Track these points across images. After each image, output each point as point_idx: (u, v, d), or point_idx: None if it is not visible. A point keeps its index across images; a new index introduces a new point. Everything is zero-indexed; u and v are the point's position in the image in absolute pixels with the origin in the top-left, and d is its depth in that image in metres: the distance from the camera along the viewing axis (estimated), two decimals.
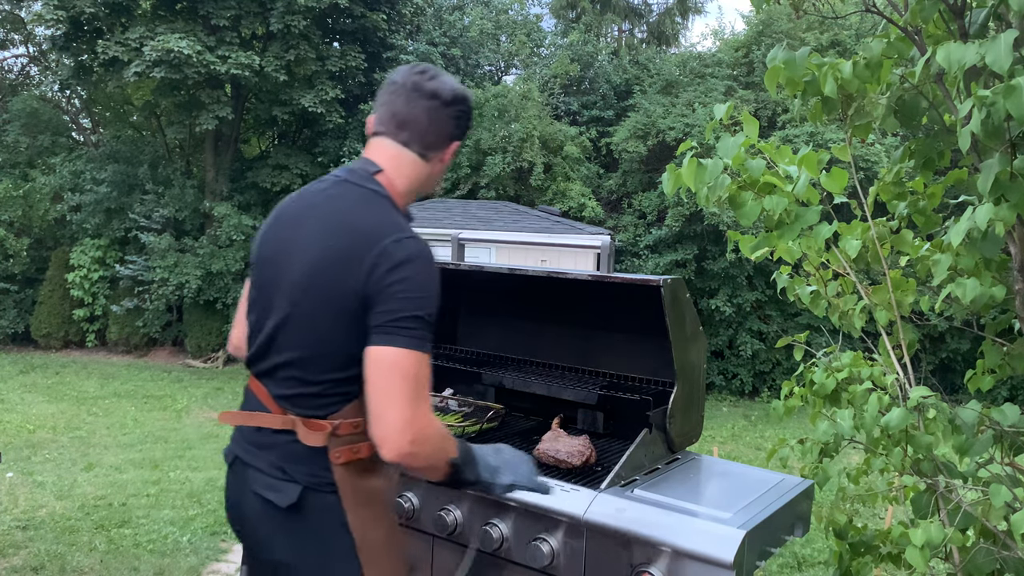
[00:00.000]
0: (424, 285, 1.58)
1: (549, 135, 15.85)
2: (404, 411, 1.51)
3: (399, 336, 1.54)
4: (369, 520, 1.65)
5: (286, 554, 1.65)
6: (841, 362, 2.31)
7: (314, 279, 1.63)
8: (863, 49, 2.12)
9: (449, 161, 1.83)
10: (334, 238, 1.63)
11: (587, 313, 2.54)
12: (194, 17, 14.60)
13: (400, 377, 1.53)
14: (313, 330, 1.63)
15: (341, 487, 1.63)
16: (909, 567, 2.05)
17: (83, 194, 15.50)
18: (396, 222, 1.65)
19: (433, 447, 1.58)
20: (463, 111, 1.79)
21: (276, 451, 1.66)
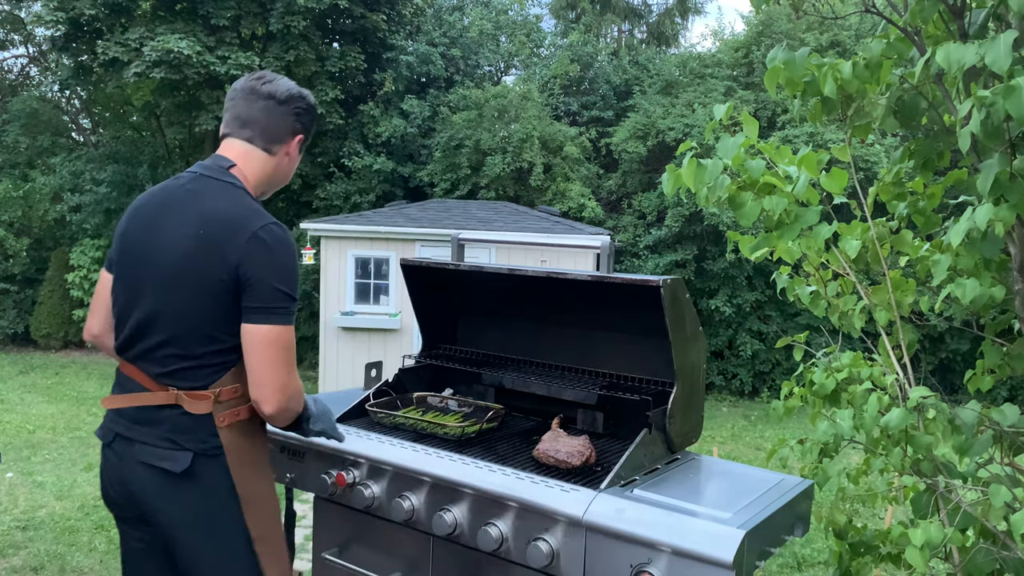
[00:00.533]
0: (291, 268, 1.85)
1: (549, 135, 15.85)
2: (281, 377, 1.82)
3: (274, 315, 1.81)
4: (251, 476, 1.90)
5: (178, 516, 1.85)
6: (841, 362, 2.32)
7: (188, 264, 1.83)
8: (863, 49, 2.12)
9: (296, 154, 2.07)
10: (203, 227, 1.83)
11: (587, 313, 2.54)
12: (194, 17, 14.60)
13: (277, 349, 1.81)
14: (191, 311, 1.83)
15: (227, 448, 1.86)
16: (909, 567, 2.05)
17: (83, 194, 15.50)
18: (258, 210, 1.88)
19: (299, 404, 1.90)
20: (301, 107, 2.03)
21: (164, 425, 1.84)
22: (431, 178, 16.03)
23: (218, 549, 1.87)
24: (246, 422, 1.90)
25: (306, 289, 14.85)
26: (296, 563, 3.04)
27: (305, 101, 2.04)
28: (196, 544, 1.87)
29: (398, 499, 2.09)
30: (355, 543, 2.35)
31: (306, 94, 2.06)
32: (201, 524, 1.86)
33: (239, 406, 1.88)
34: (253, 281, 1.79)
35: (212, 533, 1.87)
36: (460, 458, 2.09)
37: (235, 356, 1.85)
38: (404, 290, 10.88)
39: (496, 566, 2.00)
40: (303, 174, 15.83)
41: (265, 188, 2.05)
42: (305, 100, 2.04)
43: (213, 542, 1.87)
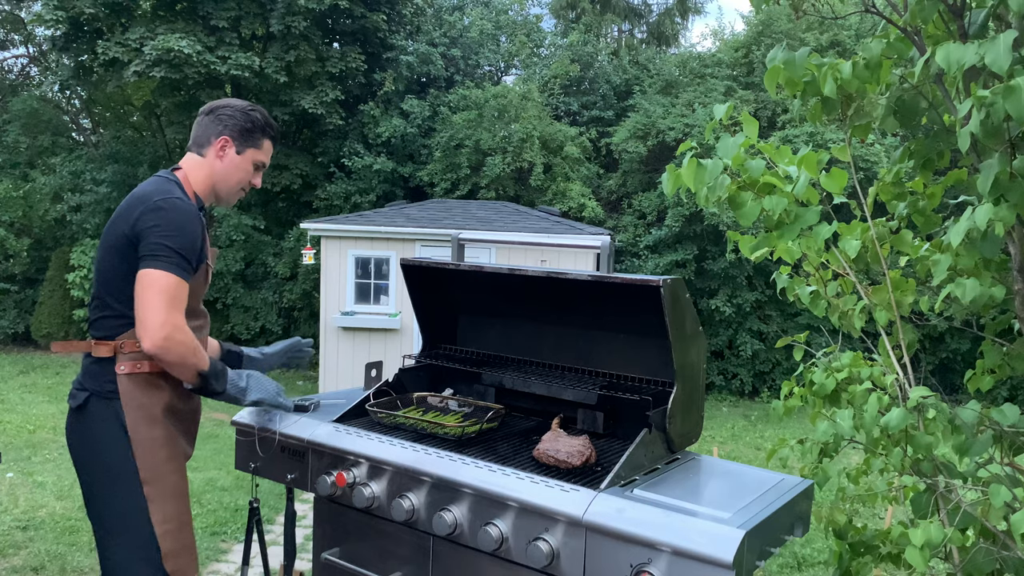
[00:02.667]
0: (177, 225, 2.10)
1: (549, 135, 15.85)
2: (159, 314, 2.03)
3: (156, 260, 2.06)
4: (143, 421, 2.15)
5: (76, 450, 2.23)
6: (841, 362, 2.32)
7: (108, 232, 2.19)
8: (863, 49, 2.12)
9: (231, 156, 2.34)
10: (123, 204, 2.20)
11: (587, 313, 2.54)
12: (194, 18, 14.60)
13: (156, 291, 2.04)
14: (105, 269, 2.18)
15: (122, 394, 2.14)
16: (909, 567, 2.05)
17: (83, 194, 15.50)
18: (169, 190, 2.17)
19: (183, 349, 2.09)
20: (224, 113, 2.34)
21: (81, 371, 2.24)
22: (431, 178, 16.03)
23: (112, 484, 2.15)
24: (148, 375, 2.17)
25: (306, 289, 14.86)
26: (296, 563, 3.04)
27: (230, 108, 2.34)
28: (89, 474, 2.20)
29: (398, 499, 2.09)
30: (355, 543, 2.36)
31: (235, 103, 2.37)
32: (90, 455, 2.18)
33: (142, 360, 2.15)
34: (142, 235, 2.09)
35: (100, 464, 2.16)
36: (460, 458, 2.09)
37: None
38: (404, 290, 10.89)
39: (496, 566, 2.00)
40: (303, 174, 15.83)
41: (210, 190, 2.35)
42: (230, 108, 2.34)
43: (101, 471, 2.17)
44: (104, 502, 2.18)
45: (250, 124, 2.36)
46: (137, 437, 2.14)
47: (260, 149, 2.40)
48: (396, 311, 11.93)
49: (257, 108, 2.40)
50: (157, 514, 2.15)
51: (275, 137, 2.44)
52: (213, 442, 8.71)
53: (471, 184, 15.76)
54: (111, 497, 2.17)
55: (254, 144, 2.38)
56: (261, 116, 2.39)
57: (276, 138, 2.46)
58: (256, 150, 2.39)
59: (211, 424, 9.74)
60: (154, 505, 2.15)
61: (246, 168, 2.38)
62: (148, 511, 2.14)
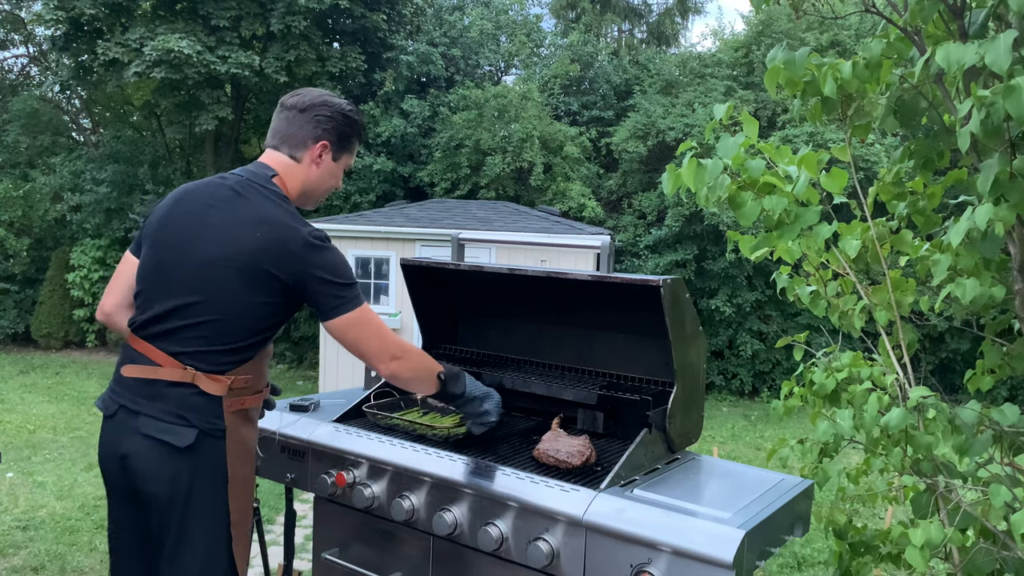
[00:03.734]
0: (340, 265, 1.99)
1: (549, 135, 15.85)
2: (374, 347, 2.00)
3: (346, 305, 1.96)
4: (241, 460, 2.00)
5: (171, 492, 1.91)
6: (841, 362, 2.32)
7: (246, 260, 1.92)
8: (863, 49, 2.12)
9: (327, 161, 2.13)
10: (259, 229, 1.93)
11: (587, 313, 2.54)
12: (194, 18, 14.60)
13: (359, 330, 1.98)
14: (238, 301, 1.93)
15: (229, 431, 1.96)
16: (909, 567, 2.05)
17: (83, 194, 15.50)
18: (300, 219, 1.99)
19: (417, 362, 2.08)
20: (322, 114, 2.10)
21: (172, 401, 1.92)
22: (431, 178, 16.03)
23: (203, 526, 1.95)
24: (247, 411, 2.02)
25: None
26: (296, 563, 3.04)
27: (328, 108, 2.10)
28: (183, 520, 1.93)
29: (398, 499, 2.09)
30: (355, 543, 2.35)
31: (333, 102, 2.12)
32: (192, 500, 1.93)
33: (245, 396, 1.99)
34: (309, 283, 1.94)
35: (200, 510, 1.94)
36: (460, 458, 2.09)
37: (255, 351, 2.00)
38: (404, 290, 10.88)
39: (496, 566, 2.00)
40: None
41: (303, 197, 2.14)
42: (329, 107, 2.11)
43: (200, 519, 1.94)
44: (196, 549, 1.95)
45: (349, 129, 2.15)
46: (235, 478, 1.99)
47: (352, 155, 2.22)
48: (396, 311, 11.93)
49: (355, 108, 2.18)
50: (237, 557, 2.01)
51: (364, 140, 2.28)
52: None
53: (471, 184, 15.76)
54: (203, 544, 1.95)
55: (350, 149, 2.19)
56: (359, 119, 2.19)
57: (364, 139, 2.28)
58: (350, 155, 2.20)
59: None
60: (236, 549, 2.00)
61: (338, 175, 2.18)
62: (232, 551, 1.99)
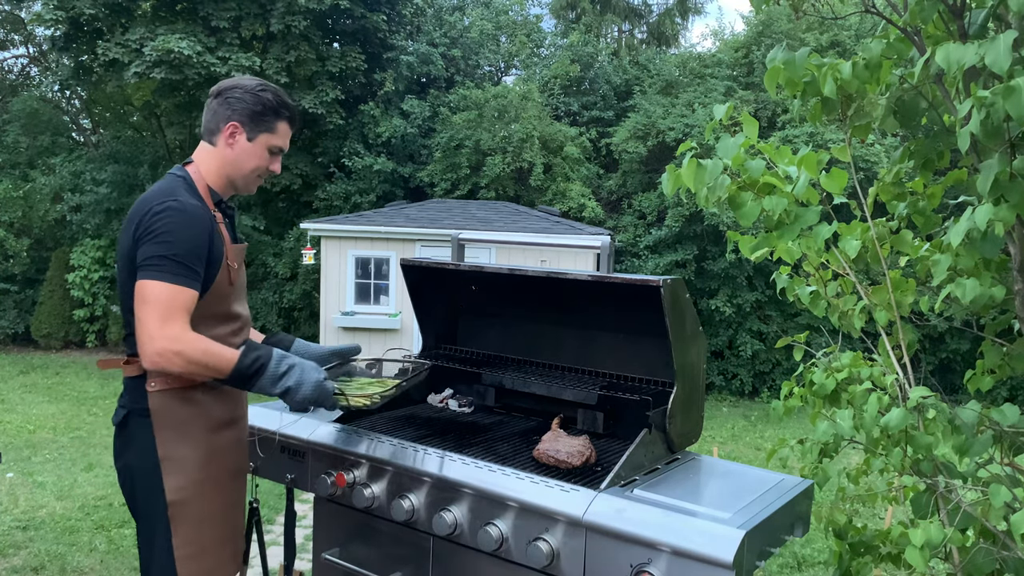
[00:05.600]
0: (169, 229, 1.93)
1: (549, 135, 15.85)
2: (150, 328, 1.88)
3: (147, 271, 1.91)
4: (174, 439, 2.00)
5: (121, 471, 2.09)
6: (841, 362, 2.32)
7: (120, 245, 2.07)
8: (863, 50, 2.12)
9: (238, 142, 2.10)
10: (129, 213, 2.06)
11: (587, 313, 2.54)
12: (194, 18, 14.60)
13: (147, 303, 1.89)
14: (123, 285, 2.04)
15: (153, 410, 2.00)
16: (909, 567, 2.05)
17: (83, 194, 15.50)
18: (171, 191, 2.01)
19: (182, 360, 1.90)
20: (233, 96, 2.10)
21: (123, 387, 2.09)
22: (431, 178, 16.03)
23: (143, 505, 2.02)
24: (182, 390, 2.02)
25: (306, 289, 14.86)
26: (296, 563, 3.04)
27: (239, 90, 2.09)
28: (131, 499, 2.07)
29: (398, 499, 2.09)
30: (355, 543, 2.35)
31: (244, 83, 2.11)
32: (130, 479, 2.04)
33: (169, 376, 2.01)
34: (139, 244, 1.95)
35: (138, 489, 2.03)
36: (460, 458, 2.09)
37: None
38: (404, 290, 10.89)
39: (496, 566, 2.00)
40: (303, 174, 15.82)
41: (225, 181, 2.14)
42: (239, 89, 2.10)
43: (140, 498, 2.03)
44: (138, 529, 2.06)
45: (260, 107, 2.10)
46: (167, 456, 1.99)
47: (274, 133, 2.13)
48: (396, 311, 11.94)
49: (269, 87, 2.13)
50: (177, 538, 1.99)
51: (292, 118, 2.18)
52: None
53: (471, 184, 15.76)
54: (142, 523, 2.04)
55: (267, 128, 2.12)
56: (273, 96, 2.12)
57: (294, 119, 2.18)
58: (270, 135, 2.12)
59: None
60: (176, 528, 1.99)
61: (259, 155, 2.13)
62: (170, 537, 1.98)
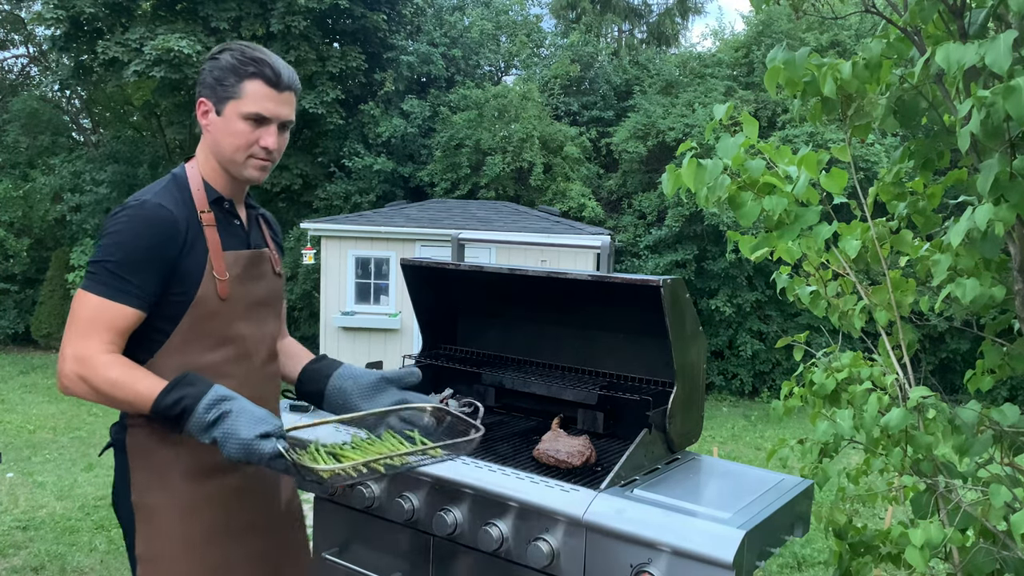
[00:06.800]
0: (109, 235, 1.67)
1: (549, 135, 15.85)
2: (64, 346, 1.63)
3: (83, 280, 1.67)
4: (149, 485, 1.72)
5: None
6: (841, 362, 2.32)
7: None
8: (863, 50, 2.12)
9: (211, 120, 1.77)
10: None
11: (587, 313, 2.54)
12: (194, 18, 14.61)
13: (71, 314, 1.66)
14: None
15: (129, 448, 1.74)
16: (909, 567, 2.05)
17: (83, 194, 15.51)
18: (145, 190, 1.76)
19: (83, 388, 1.60)
20: (204, 69, 1.79)
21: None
22: (431, 178, 16.03)
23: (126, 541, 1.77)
24: (159, 425, 1.64)
25: (306, 289, 14.85)
26: None
27: (210, 63, 1.78)
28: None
29: (398, 499, 2.09)
30: (355, 543, 2.35)
31: (217, 52, 1.79)
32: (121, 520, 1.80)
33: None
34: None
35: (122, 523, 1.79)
36: (460, 458, 2.09)
37: (142, 351, 1.69)
38: (404, 290, 10.89)
39: (496, 566, 2.00)
40: (303, 174, 15.82)
41: (216, 170, 1.82)
42: (210, 62, 1.78)
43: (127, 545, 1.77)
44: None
45: (218, 71, 1.74)
46: (140, 504, 1.72)
47: (241, 98, 1.73)
48: (396, 311, 11.93)
49: (231, 46, 1.78)
50: None
51: (260, 73, 1.74)
52: None
53: (471, 184, 15.76)
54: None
55: (231, 95, 1.73)
56: (232, 55, 1.74)
57: (263, 74, 1.74)
58: (236, 100, 1.73)
59: None
60: None
61: (234, 129, 1.74)
62: None
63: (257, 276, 1.86)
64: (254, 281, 1.85)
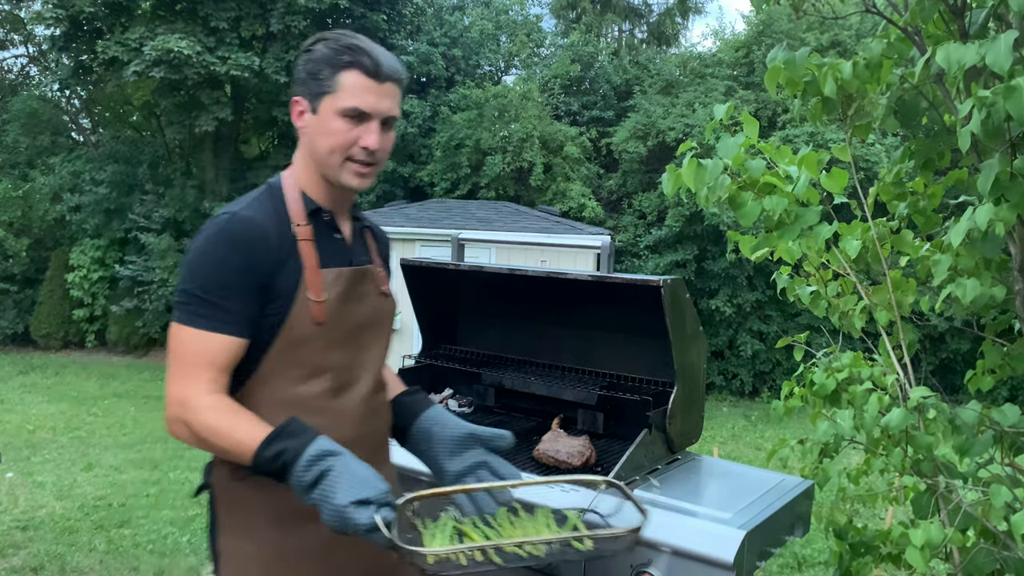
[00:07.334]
0: (196, 256, 1.51)
1: (549, 135, 15.86)
2: (166, 387, 1.48)
3: (174, 309, 1.52)
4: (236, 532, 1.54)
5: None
6: (841, 362, 2.31)
7: None
8: (863, 49, 2.12)
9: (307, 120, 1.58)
10: None
11: (587, 313, 2.54)
12: (194, 18, 14.61)
13: (169, 350, 1.51)
14: None
15: (216, 490, 1.57)
16: (909, 567, 2.05)
17: (83, 194, 15.51)
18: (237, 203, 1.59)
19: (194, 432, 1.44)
20: (299, 63, 1.59)
21: None
22: (431, 178, 16.04)
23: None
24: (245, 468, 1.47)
25: None
26: None
27: (303, 57, 1.58)
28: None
29: None
30: None
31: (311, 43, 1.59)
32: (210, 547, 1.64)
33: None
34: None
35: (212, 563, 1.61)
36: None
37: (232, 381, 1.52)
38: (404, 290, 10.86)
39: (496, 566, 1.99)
40: None
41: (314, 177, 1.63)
42: (303, 55, 1.59)
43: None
44: None
45: (311, 65, 1.55)
46: (225, 551, 1.56)
47: (337, 92, 1.52)
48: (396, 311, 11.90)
49: (326, 35, 1.58)
50: None
51: (360, 63, 1.53)
52: None
53: (471, 184, 15.76)
54: None
55: (326, 89, 1.53)
56: (325, 46, 1.55)
57: (364, 65, 1.53)
58: (332, 96, 1.53)
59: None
60: None
61: (331, 129, 1.54)
62: None
63: (359, 297, 1.64)
64: (355, 302, 1.63)
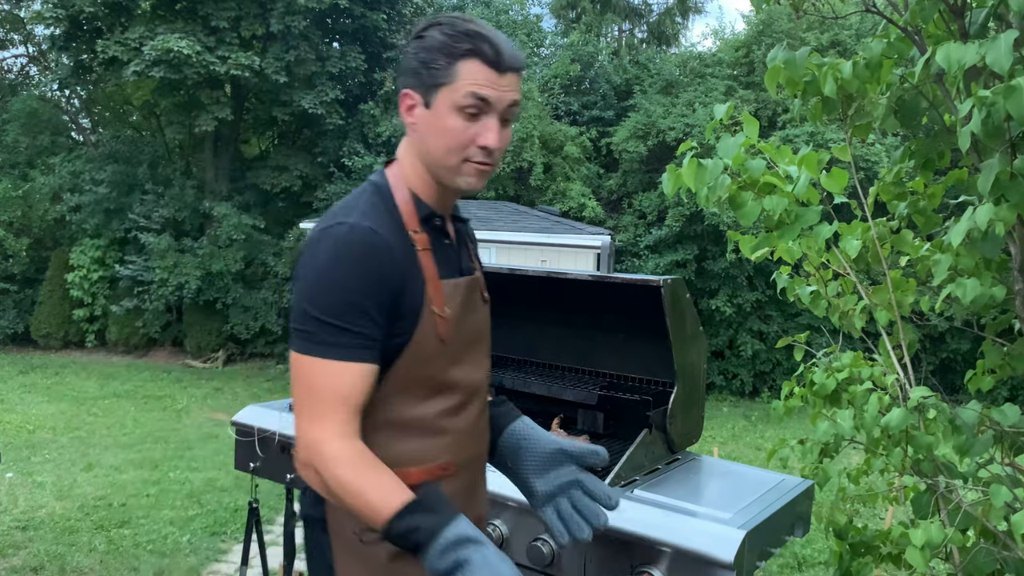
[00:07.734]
0: (314, 278, 1.33)
1: (549, 135, 15.86)
2: (296, 423, 1.34)
3: (294, 338, 1.35)
4: (353, 565, 1.40)
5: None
6: (841, 362, 2.31)
7: None
8: (863, 49, 2.12)
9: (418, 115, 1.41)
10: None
11: (587, 313, 2.54)
12: (194, 18, 14.60)
13: (295, 384, 1.35)
14: None
15: (330, 525, 1.42)
16: (909, 567, 2.05)
17: (82, 194, 15.51)
18: (348, 208, 1.40)
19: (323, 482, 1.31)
20: (408, 53, 1.42)
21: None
22: None
23: None
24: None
25: None
26: (296, 563, 3.04)
27: (415, 44, 1.41)
28: None
29: None
30: None
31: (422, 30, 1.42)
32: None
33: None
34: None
35: None
36: None
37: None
38: None
39: None
40: (303, 174, 15.82)
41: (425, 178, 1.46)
42: (415, 43, 1.41)
43: None
44: None
45: (424, 53, 1.38)
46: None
47: (455, 82, 1.36)
48: None
49: (439, 20, 1.40)
50: None
51: (480, 51, 1.36)
52: (213, 442, 8.71)
53: None
54: None
55: (443, 80, 1.36)
56: (440, 32, 1.38)
57: (484, 53, 1.36)
58: (449, 88, 1.36)
59: (210, 424, 9.74)
60: None
61: (447, 127, 1.37)
62: None
63: (473, 307, 1.51)
64: (471, 313, 1.50)
